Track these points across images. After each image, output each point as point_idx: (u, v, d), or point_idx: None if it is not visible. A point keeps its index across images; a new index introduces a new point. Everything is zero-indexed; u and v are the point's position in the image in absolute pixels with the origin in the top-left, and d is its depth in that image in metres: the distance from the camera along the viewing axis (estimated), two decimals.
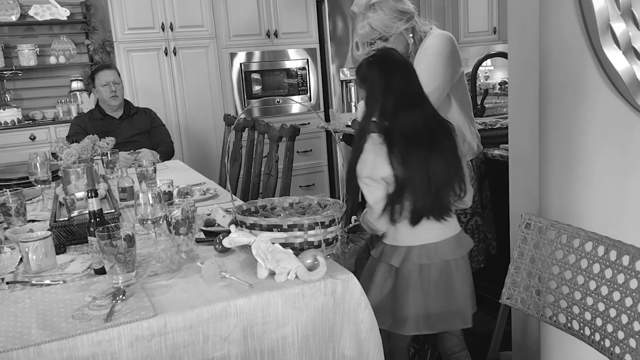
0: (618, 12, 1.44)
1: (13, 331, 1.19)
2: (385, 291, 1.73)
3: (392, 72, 1.68)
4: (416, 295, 1.68)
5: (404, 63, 1.73)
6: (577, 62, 1.50)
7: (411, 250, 1.69)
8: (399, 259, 1.70)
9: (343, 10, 4.99)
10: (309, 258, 1.41)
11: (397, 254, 1.70)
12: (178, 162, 3.45)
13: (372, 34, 2.15)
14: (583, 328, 1.36)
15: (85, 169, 2.02)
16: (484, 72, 5.95)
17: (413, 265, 1.68)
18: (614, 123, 1.49)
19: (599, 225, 1.48)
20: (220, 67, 4.68)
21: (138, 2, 4.32)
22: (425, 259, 1.68)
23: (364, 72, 1.70)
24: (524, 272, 1.49)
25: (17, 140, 4.23)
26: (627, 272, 1.24)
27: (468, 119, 2.27)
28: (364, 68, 1.70)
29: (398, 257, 1.70)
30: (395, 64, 1.70)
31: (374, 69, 1.68)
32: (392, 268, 1.72)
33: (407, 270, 1.69)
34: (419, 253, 1.68)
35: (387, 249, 1.74)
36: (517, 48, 2.07)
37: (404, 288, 1.69)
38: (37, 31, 4.57)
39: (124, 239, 1.36)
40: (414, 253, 1.68)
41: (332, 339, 1.41)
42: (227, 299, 1.29)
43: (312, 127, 4.96)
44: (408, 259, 1.69)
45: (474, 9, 5.60)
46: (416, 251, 1.68)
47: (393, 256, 1.71)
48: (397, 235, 1.71)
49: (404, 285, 1.69)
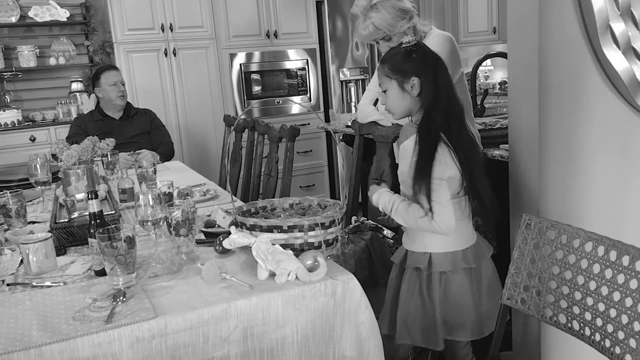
0: (617, 12, 1.44)
1: (14, 333, 1.19)
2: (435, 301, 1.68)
3: (439, 65, 1.64)
4: (469, 301, 1.67)
5: (440, 58, 1.69)
6: (577, 62, 1.50)
7: (460, 254, 1.67)
8: (452, 265, 1.66)
9: (343, 11, 4.99)
10: (309, 259, 1.42)
11: (447, 260, 1.66)
12: (178, 163, 3.45)
13: (376, 33, 2.14)
14: (583, 328, 1.36)
15: (86, 171, 2.02)
16: (484, 72, 5.95)
17: (463, 269, 1.67)
18: (614, 123, 1.49)
19: (599, 225, 1.48)
20: (220, 68, 4.68)
21: (138, 3, 4.32)
22: (472, 262, 1.68)
23: (409, 63, 1.62)
24: (524, 273, 1.49)
25: (17, 142, 4.23)
26: (627, 272, 1.24)
27: (468, 119, 2.26)
28: (408, 59, 1.62)
29: (450, 262, 1.66)
30: (437, 57, 1.66)
31: (422, 60, 1.61)
32: (442, 275, 1.67)
33: (459, 276, 1.67)
34: (463, 256, 1.67)
35: (436, 257, 1.67)
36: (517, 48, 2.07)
37: (457, 294, 1.67)
38: (37, 32, 4.57)
39: (124, 240, 1.36)
40: (463, 256, 1.67)
41: (332, 340, 1.41)
42: (228, 300, 1.30)
43: (312, 127, 4.97)
44: (458, 263, 1.66)
45: (474, 9, 5.60)
46: (463, 255, 1.67)
47: (445, 263, 1.66)
48: (443, 240, 1.66)
49: (455, 290, 1.67)
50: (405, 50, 1.63)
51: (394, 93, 1.66)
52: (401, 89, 1.65)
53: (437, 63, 1.64)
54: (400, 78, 1.64)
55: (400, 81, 1.64)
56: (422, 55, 1.63)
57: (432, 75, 1.61)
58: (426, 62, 1.62)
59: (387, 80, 1.67)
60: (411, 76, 1.62)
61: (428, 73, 1.61)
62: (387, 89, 1.67)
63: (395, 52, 1.67)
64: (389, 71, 1.66)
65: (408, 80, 1.62)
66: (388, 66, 1.66)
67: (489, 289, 1.71)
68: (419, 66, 1.61)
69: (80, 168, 2.03)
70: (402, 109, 1.68)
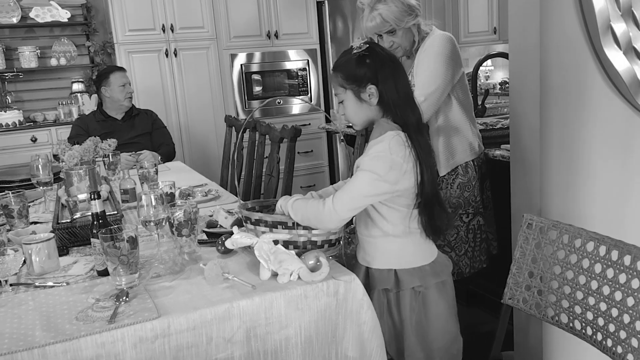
0: (618, 12, 1.44)
1: (17, 333, 1.20)
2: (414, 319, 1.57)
3: (397, 66, 1.50)
4: (448, 318, 1.60)
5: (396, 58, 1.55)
6: (578, 63, 1.50)
7: (429, 269, 1.57)
8: (421, 280, 1.54)
9: (343, 11, 4.99)
10: (311, 259, 1.42)
11: (415, 276, 1.54)
12: (179, 164, 3.45)
13: (383, 25, 2.14)
14: (585, 328, 1.36)
15: (88, 171, 2.03)
16: (484, 72, 5.96)
17: (435, 284, 1.57)
18: (615, 123, 1.49)
19: (601, 225, 1.49)
20: (220, 68, 4.69)
21: (138, 4, 4.32)
22: (442, 275, 1.58)
23: (364, 70, 1.47)
24: (525, 272, 1.50)
25: (18, 142, 4.23)
26: (629, 271, 1.25)
27: (469, 119, 2.28)
28: (362, 65, 1.47)
29: (418, 278, 1.54)
30: (393, 57, 1.53)
31: (378, 65, 1.46)
32: (414, 292, 1.55)
33: (432, 291, 1.56)
34: (432, 271, 1.57)
35: (402, 273, 1.55)
36: (518, 48, 2.07)
37: (435, 311, 1.57)
38: (38, 33, 4.58)
39: (127, 240, 1.37)
40: (432, 270, 1.57)
41: (334, 340, 1.41)
42: (230, 300, 1.30)
43: (313, 127, 4.97)
44: (428, 279, 1.55)
45: (474, 9, 5.60)
46: (431, 268, 1.57)
47: (413, 279, 1.54)
48: (408, 255, 1.55)
49: (432, 308, 1.57)
50: (357, 55, 1.47)
51: (351, 103, 1.51)
52: (358, 98, 1.49)
53: (394, 64, 1.49)
54: (355, 87, 1.48)
55: (356, 91, 1.49)
56: (377, 59, 1.47)
57: (391, 79, 1.46)
58: (382, 65, 1.46)
59: (341, 90, 1.51)
60: (367, 84, 1.47)
61: (386, 78, 1.46)
62: (344, 99, 1.52)
63: (347, 59, 1.50)
64: (343, 80, 1.50)
65: (364, 89, 1.47)
66: (341, 75, 1.50)
67: (454, 307, 1.64)
68: (375, 72, 1.46)
69: (83, 168, 2.04)
70: (362, 119, 1.53)
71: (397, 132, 1.46)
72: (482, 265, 2.34)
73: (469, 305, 2.81)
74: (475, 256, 2.31)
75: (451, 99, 2.22)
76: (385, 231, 1.52)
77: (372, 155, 1.43)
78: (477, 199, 2.28)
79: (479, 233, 2.31)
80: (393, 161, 1.42)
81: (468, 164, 2.26)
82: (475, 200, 2.28)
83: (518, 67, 2.10)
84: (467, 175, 2.25)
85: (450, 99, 2.22)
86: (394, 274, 1.54)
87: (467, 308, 2.79)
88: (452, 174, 2.25)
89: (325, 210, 1.41)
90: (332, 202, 1.41)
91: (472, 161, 2.27)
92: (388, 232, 1.52)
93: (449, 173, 2.25)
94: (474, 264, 2.31)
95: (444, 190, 2.25)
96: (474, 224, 2.29)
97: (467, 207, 2.26)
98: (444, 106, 2.21)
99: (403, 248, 1.54)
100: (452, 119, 2.23)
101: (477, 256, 2.31)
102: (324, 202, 1.42)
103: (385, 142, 1.43)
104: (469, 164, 2.26)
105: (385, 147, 1.42)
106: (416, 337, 1.57)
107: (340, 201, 1.41)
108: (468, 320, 2.63)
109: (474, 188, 2.27)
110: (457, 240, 2.27)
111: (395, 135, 1.45)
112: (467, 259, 2.29)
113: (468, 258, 2.29)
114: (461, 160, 2.24)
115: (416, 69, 2.21)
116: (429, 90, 2.12)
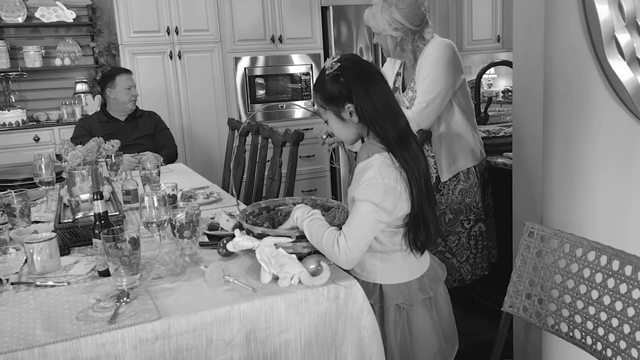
0: (623, 22, 1.44)
1: (17, 332, 1.20)
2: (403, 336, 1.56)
3: (370, 79, 1.47)
4: (431, 335, 1.58)
5: (375, 69, 1.53)
6: (582, 72, 1.51)
7: (416, 284, 1.56)
8: (405, 297, 1.53)
9: (347, 17, 5.01)
10: (312, 263, 1.42)
11: (400, 293, 1.53)
12: (182, 166, 3.46)
13: (392, 23, 2.17)
14: (585, 337, 1.36)
15: (90, 171, 2.03)
16: (487, 79, 5.97)
17: (421, 300, 1.56)
18: (618, 133, 1.50)
19: (602, 235, 1.49)
20: (224, 71, 4.70)
21: (144, 6, 4.34)
22: (430, 290, 1.57)
23: (338, 89, 1.46)
24: (526, 280, 1.50)
25: (21, 142, 4.24)
26: (630, 282, 1.25)
27: (471, 125, 2.29)
28: (336, 84, 1.46)
29: (402, 295, 1.53)
30: (365, 70, 1.49)
31: (351, 81, 1.45)
32: (398, 308, 1.54)
33: (417, 308, 1.55)
34: (420, 286, 1.56)
35: (387, 289, 1.53)
36: (522, 57, 2.08)
37: (418, 330, 1.56)
38: (43, 33, 4.59)
39: (128, 241, 1.37)
40: (420, 286, 1.56)
41: (334, 345, 1.41)
42: (231, 303, 1.30)
43: (315, 132, 4.97)
44: (414, 295, 1.54)
45: (478, 17, 5.62)
46: (419, 284, 1.56)
47: (398, 295, 1.53)
48: (394, 271, 1.54)
49: (416, 326, 1.56)
50: (331, 75, 1.47)
51: (334, 123, 1.53)
52: (339, 118, 1.50)
53: (367, 77, 1.47)
54: (334, 107, 1.49)
55: (335, 110, 1.50)
56: (350, 76, 1.45)
57: (365, 95, 1.45)
58: (355, 81, 1.45)
59: (322, 111, 1.54)
60: (344, 103, 1.47)
61: (360, 94, 1.45)
62: (327, 119, 1.54)
63: (322, 79, 1.50)
64: (322, 101, 1.52)
65: (343, 108, 1.48)
66: (319, 96, 1.51)
67: (448, 312, 1.64)
68: (349, 89, 1.45)
69: (85, 169, 2.04)
70: (349, 136, 1.54)
71: (383, 155, 1.44)
72: (483, 272, 2.34)
73: (468, 312, 2.81)
74: (477, 263, 2.31)
75: (453, 105, 2.23)
76: (372, 247, 1.51)
77: (365, 184, 1.42)
78: (478, 205, 2.29)
79: (481, 240, 2.31)
80: (386, 186, 1.41)
81: (470, 170, 2.26)
82: (477, 206, 2.28)
83: (522, 76, 2.10)
84: (468, 181, 2.26)
85: (452, 105, 2.23)
86: (379, 288, 1.54)
87: (467, 315, 2.79)
88: (453, 180, 2.25)
89: (341, 253, 1.40)
90: (346, 243, 1.40)
91: (473, 167, 2.27)
92: (375, 249, 1.52)
93: (451, 179, 2.26)
94: (476, 270, 2.31)
95: (445, 196, 2.25)
96: (476, 230, 2.29)
97: (469, 214, 2.26)
98: (446, 112, 2.22)
99: (389, 264, 1.53)
100: (454, 125, 2.24)
101: (478, 263, 2.31)
102: (338, 244, 1.40)
103: (375, 167, 1.43)
104: (470, 170, 2.26)
105: (375, 173, 1.42)
106: (399, 353, 1.56)
107: (351, 239, 1.40)
108: (467, 328, 2.64)
109: (476, 194, 2.28)
110: (459, 246, 2.27)
111: (383, 159, 1.44)
112: (469, 266, 2.29)
113: (470, 265, 2.29)
114: (463, 166, 2.25)
115: (417, 75, 2.22)
116: (430, 96, 2.13)
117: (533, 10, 1.98)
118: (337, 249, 1.40)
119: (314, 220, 1.45)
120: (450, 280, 2.27)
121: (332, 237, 1.41)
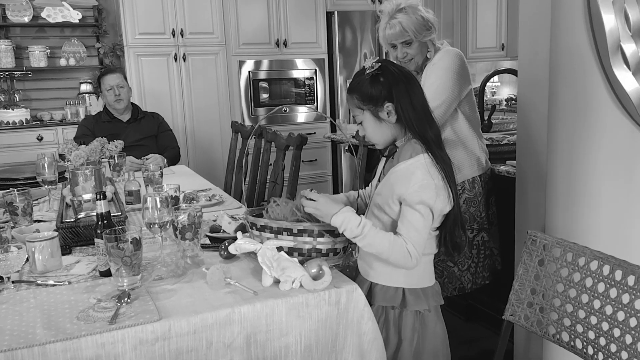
0: (629, 32, 1.44)
1: (18, 330, 1.20)
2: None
3: (410, 82, 1.49)
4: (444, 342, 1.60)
5: (410, 71, 1.57)
6: (587, 82, 1.51)
7: (433, 291, 1.57)
8: (426, 303, 1.53)
9: (352, 22, 5.02)
10: (314, 267, 1.42)
11: (421, 298, 1.53)
12: (184, 168, 3.46)
13: (402, 35, 2.16)
14: (586, 347, 1.35)
15: (93, 171, 2.03)
16: (491, 87, 5.97)
17: (434, 308, 1.57)
18: (622, 143, 1.50)
19: (605, 244, 1.48)
20: (228, 74, 4.71)
21: (149, 8, 4.35)
22: (441, 299, 1.59)
23: (379, 88, 1.46)
24: (528, 289, 1.49)
25: (24, 141, 4.25)
26: (632, 292, 1.24)
27: (477, 134, 2.28)
28: (376, 84, 1.46)
29: (424, 300, 1.53)
30: (406, 73, 1.51)
31: (392, 81, 1.45)
32: (417, 314, 1.54)
33: (433, 314, 1.56)
34: (435, 292, 1.58)
35: (410, 293, 1.52)
36: (528, 66, 2.08)
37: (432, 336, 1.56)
38: (49, 33, 4.61)
39: (130, 242, 1.37)
40: (435, 292, 1.58)
41: (334, 350, 1.41)
42: (232, 306, 1.30)
43: (318, 136, 4.98)
44: (433, 300, 1.55)
45: (483, 25, 5.62)
46: (434, 291, 1.58)
47: (419, 301, 1.52)
48: (417, 274, 1.53)
49: (431, 332, 1.56)
50: (370, 75, 1.46)
51: (370, 124, 1.51)
52: (377, 118, 1.49)
53: (408, 79, 1.48)
54: (372, 107, 1.48)
55: (373, 110, 1.48)
56: (390, 76, 1.46)
57: (407, 96, 1.45)
58: (396, 82, 1.45)
59: (359, 112, 1.51)
60: (384, 102, 1.46)
61: (401, 95, 1.45)
62: (362, 120, 1.51)
63: (360, 80, 1.49)
64: (359, 102, 1.49)
65: (382, 107, 1.47)
66: (357, 96, 1.50)
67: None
68: (390, 89, 1.45)
69: (88, 169, 2.04)
70: (383, 138, 1.54)
71: (427, 155, 1.46)
72: (484, 281, 2.33)
73: (468, 320, 2.79)
74: (478, 272, 2.30)
75: (458, 114, 2.23)
76: None
77: (417, 186, 1.42)
78: (482, 214, 2.28)
79: (483, 249, 2.30)
80: (437, 186, 1.43)
81: (475, 179, 2.25)
82: (481, 216, 2.28)
83: (527, 84, 2.10)
84: (473, 191, 2.25)
85: (457, 113, 2.22)
86: (402, 292, 1.52)
87: (467, 323, 2.78)
88: (458, 189, 2.25)
89: (413, 261, 1.43)
90: (415, 250, 1.42)
91: (479, 177, 2.26)
92: None
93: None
94: (477, 279, 2.30)
95: None
96: (478, 239, 2.28)
97: (472, 223, 2.26)
98: (451, 120, 2.21)
99: (415, 268, 1.49)
100: (459, 133, 2.24)
101: (480, 272, 2.30)
102: (410, 253, 1.42)
103: (423, 168, 1.44)
104: (475, 180, 2.26)
105: (425, 174, 1.43)
106: (412, 358, 1.55)
107: (418, 245, 1.43)
108: (467, 336, 2.63)
109: (480, 204, 2.27)
110: (461, 255, 2.27)
111: (429, 159, 1.46)
112: (470, 275, 2.28)
113: (471, 274, 2.28)
114: (468, 175, 2.24)
115: (424, 82, 2.22)
116: (434, 103, 2.13)
117: (539, 18, 1.98)
118: (409, 258, 1.42)
119: (372, 229, 1.43)
120: (450, 288, 2.26)
121: (401, 247, 1.42)
